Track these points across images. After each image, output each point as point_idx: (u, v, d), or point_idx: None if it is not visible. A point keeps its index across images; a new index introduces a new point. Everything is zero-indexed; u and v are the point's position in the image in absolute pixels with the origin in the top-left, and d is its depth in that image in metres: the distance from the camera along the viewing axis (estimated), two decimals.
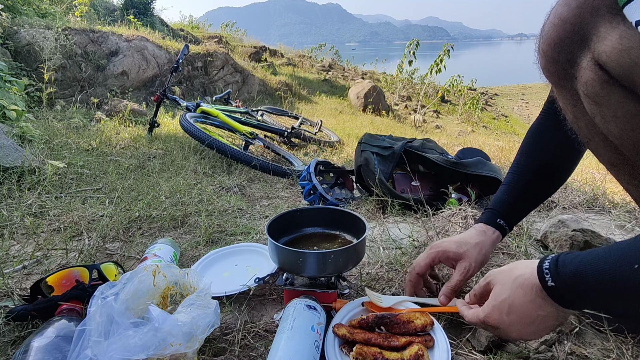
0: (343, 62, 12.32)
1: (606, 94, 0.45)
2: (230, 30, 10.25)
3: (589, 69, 0.46)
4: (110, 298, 0.55)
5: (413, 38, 7.97)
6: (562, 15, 0.47)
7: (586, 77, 0.46)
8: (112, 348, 0.50)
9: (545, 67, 0.53)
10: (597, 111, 0.47)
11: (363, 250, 0.77)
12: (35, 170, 1.48)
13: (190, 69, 4.95)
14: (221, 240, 1.13)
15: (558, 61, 0.49)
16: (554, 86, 0.55)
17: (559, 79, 0.51)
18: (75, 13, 4.79)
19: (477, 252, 0.72)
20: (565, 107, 0.55)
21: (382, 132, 4.21)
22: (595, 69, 0.45)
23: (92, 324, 0.53)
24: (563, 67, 0.49)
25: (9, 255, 0.97)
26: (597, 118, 0.48)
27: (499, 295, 0.55)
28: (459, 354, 0.66)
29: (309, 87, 7.15)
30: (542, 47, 0.51)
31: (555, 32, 0.48)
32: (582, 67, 0.47)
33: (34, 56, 3.31)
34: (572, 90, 0.50)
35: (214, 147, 2.10)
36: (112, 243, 1.09)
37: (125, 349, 0.50)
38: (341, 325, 0.66)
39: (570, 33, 0.47)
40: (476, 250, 0.72)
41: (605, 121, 0.47)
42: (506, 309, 0.54)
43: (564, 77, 0.50)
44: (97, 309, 0.54)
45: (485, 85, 16.81)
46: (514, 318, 0.53)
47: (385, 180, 1.41)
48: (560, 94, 0.54)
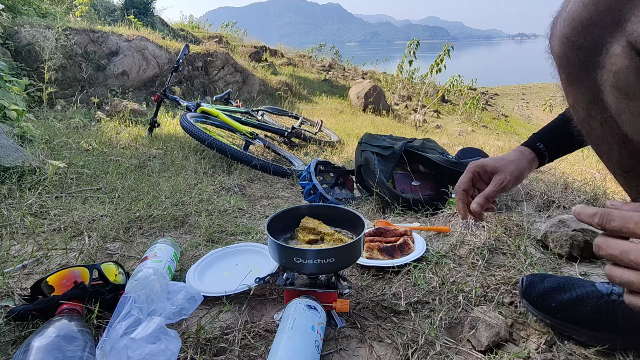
0: (343, 62, 12.31)
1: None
2: (231, 30, 10.25)
3: (624, 55, 0.40)
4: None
5: (413, 38, 7.96)
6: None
7: (619, 65, 0.40)
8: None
9: (563, 55, 0.46)
10: (627, 106, 0.41)
11: (362, 248, 0.77)
12: (36, 170, 1.48)
13: (190, 69, 4.95)
14: (221, 240, 1.13)
15: (583, 47, 0.43)
16: (569, 79, 0.48)
17: (579, 69, 0.45)
18: (76, 13, 4.80)
19: (514, 167, 0.73)
20: (576, 104, 0.49)
21: (383, 132, 4.20)
22: (631, 55, 0.39)
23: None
24: (588, 55, 0.43)
25: (10, 255, 0.97)
26: (625, 115, 0.42)
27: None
28: (459, 353, 0.66)
29: (309, 87, 7.15)
30: (564, 30, 0.44)
31: (585, 12, 0.42)
32: (614, 54, 0.41)
33: (34, 56, 3.31)
34: (591, 84, 0.44)
35: (214, 147, 2.10)
36: (112, 243, 1.09)
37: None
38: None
39: (604, 13, 0.40)
40: (513, 166, 0.73)
41: (636, 118, 0.41)
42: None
43: (585, 67, 0.44)
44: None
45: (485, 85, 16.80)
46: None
47: (385, 180, 1.41)
48: (574, 89, 0.48)
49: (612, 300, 0.61)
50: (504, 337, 0.67)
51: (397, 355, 0.66)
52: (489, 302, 0.78)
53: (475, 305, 0.77)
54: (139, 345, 0.55)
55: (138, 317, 0.61)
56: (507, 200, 1.51)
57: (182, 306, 0.69)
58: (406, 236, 1.02)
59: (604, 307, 0.61)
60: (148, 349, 0.55)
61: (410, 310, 0.76)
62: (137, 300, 0.65)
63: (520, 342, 0.68)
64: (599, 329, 0.62)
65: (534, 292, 0.69)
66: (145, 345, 0.55)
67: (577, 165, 2.54)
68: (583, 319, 0.63)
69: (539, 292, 0.69)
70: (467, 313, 0.74)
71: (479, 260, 0.93)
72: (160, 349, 0.56)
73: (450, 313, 0.75)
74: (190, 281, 0.85)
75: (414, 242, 1.02)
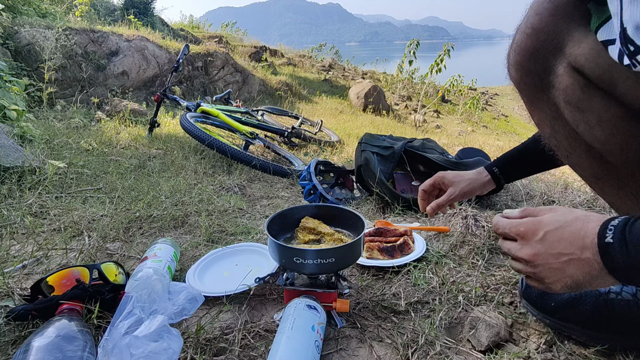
0: (343, 62, 12.31)
1: (588, 98, 0.44)
2: (231, 30, 10.26)
3: (567, 74, 0.45)
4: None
5: (413, 38, 7.96)
6: (534, 25, 0.48)
7: (565, 83, 0.46)
8: None
9: (520, 80, 0.52)
10: (581, 118, 0.46)
11: (362, 247, 0.77)
12: (36, 170, 1.48)
13: (190, 69, 4.95)
14: (221, 240, 1.13)
15: (534, 72, 0.49)
16: (529, 101, 0.53)
17: (536, 90, 0.51)
18: (76, 13, 4.80)
19: (466, 184, 0.89)
20: (541, 122, 0.54)
21: (383, 132, 4.21)
22: (572, 74, 0.45)
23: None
24: (540, 77, 0.49)
25: (9, 255, 0.97)
26: (581, 126, 0.47)
27: (545, 217, 0.49)
28: (459, 353, 0.66)
29: (309, 87, 7.15)
30: (516, 58, 0.51)
31: (530, 42, 0.48)
32: (559, 74, 0.46)
33: (34, 56, 3.31)
34: (549, 102, 0.50)
35: (214, 147, 2.10)
36: (112, 243, 1.09)
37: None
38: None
39: (545, 42, 0.47)
40: (465, 183, 0.89)
41: (590, 127, 0.46)
42: (545, 227, 0.48)
43: (540, 88, 0.50)
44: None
45: (485, 85, 16.78)
46: (549, 238, 0.47)
47: (385, 180, 1.41)
48: (536, 108, 0.53)
49: (610, 298, 0.62)
50: (504, 337, 0.67)
51: (397, 355, 0.66)
52: (489, 302, 0.78)
53: (475, 305, 0.77)
54: (141, 342, 0.56)
55: (140, 316, 0.61)
56: (507, 200, 1.51)
57: (184, 306, 0.70)
58: (406, 236, 1.03)
59: (602, 305, 0.62)
60: (150, 347, 0.55)
61: (410, 310, 0.76)
62: (140, 300, 0.65)
63: (520, 342, 0.68)
64: (598, 328, 0.62)
65: (534, 292, 0.69)
66: (147, 343, 0.56)
67: None
68: (582, 318, 0.63)
69: (538, 292, 0.69)
70: (467, 313, 0.74)
71: (479, 260, 0.93)
72: (162, 347, 0.56)
73: (450, 313, 0.75)
74: (190, 281, 0.85)
75: (414, 242, 1.02)
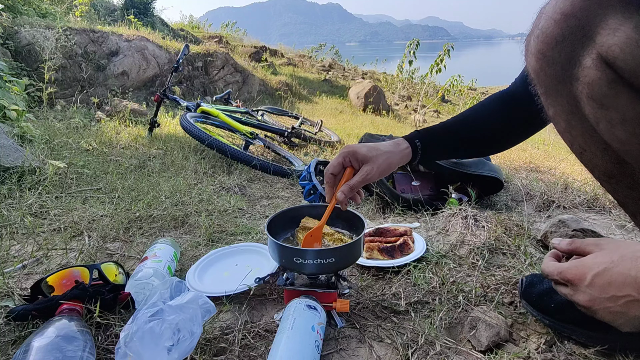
0: (343, 62, 12.31)
1: (614, 95, 0.41)
2: (231, 30, 10.25)
3: (595, 67, 0.42)
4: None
5: (413, 38, 7.95)
6: (565, 10, 0.43)
7: (591, 77, 0.42)
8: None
9: (540, 70, 0.48)
10: (603, 115, 0.43)
11: (362, 247, 0.77)
12: (36, 170, 1.48)
13: (190, 69, 4.95)
14: (221, 240, 1.13)
15: (557, 61, 0.45)
16: (547, 92, 0.50)
17: (557, 82, 0.47)
18: (76, 13, 4.80)
19: (383, 160, 0.75)
20: (557, 116, 0.51)
21: (383, 131, 4.20)
22: (602, 67, 0.41)
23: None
24: (563, 68, 0.45)
25: (10, 255, 0.97)
26: (602, 124, 0.44)
27: (589, 259, 0.50)
28: (459, 353, 0.66)
29: (309, 87, 7.15)
30: (539, 47, 0.47)
31: (557, 29, 0.44)
32: (586, 66, 0.43)
33: (34, 56, 3.31)
34: (570, 96, 0.46)
35: (214, 147, 2.10)
36: (112, 243, 1.09)
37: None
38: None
39: (574, 28, 0.43)
40: (382, 158, 0.75)
41: (612, 126, 0.43)
42: (591, 270, 0.48)
43: (562, 79, 0.46)
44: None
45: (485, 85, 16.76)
46: (598, 282, 0.48)
47: (385, 180, 1.41)
48: (553, 101, 0.50)
49: None
50: (504, 337, 0.67)
51: (397, 355, 0.66)
52: (489, 302, 0.78)
53: (475, 305, 0.77)
54: (173, 310, 0.60)
55: (162, 308, 0.63)
56: (507, 200, 1.51)
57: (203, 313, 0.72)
58: (406, 236, 1.02)
59: None
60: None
61: (410, 310, 0.76)
62: (163, 296, 0.67)
63: (520, 342, 0.68)
64: (598, 328, 0.62)
65: (534, 293, 0.69)
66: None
67: (577, 165, 2.54)
68: (582, 318, 0.63)
69: (538, 292, 0.69)
70: (467, 313, 0.74)
71: (479, 260, 0.93)
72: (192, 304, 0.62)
73: (450, 313, 0.75)
74: (190, 281, 0.85)
75: (414, 242, 1.02)
